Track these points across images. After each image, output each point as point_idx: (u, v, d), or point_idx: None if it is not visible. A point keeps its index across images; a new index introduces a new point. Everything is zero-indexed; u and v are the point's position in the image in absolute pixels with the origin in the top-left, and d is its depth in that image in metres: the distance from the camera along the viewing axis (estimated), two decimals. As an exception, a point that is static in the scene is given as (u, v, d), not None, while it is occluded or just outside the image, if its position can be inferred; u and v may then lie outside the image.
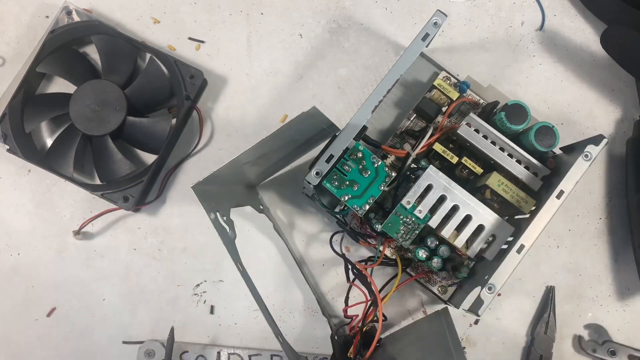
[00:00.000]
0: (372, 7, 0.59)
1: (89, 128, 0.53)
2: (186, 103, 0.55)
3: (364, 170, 0.47)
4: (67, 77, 0.55)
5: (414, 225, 0.48)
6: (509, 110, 0.48)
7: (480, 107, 0.55)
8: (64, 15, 0.55)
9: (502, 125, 0.49)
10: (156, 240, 0.57)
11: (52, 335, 0.55)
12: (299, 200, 0.57)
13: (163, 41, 0.58)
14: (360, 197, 0.47)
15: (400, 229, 0.48)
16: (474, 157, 0.50)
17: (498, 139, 0.49)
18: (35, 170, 0.55)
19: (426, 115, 0.54)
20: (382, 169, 0.47)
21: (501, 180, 0.48)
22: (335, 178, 0.47)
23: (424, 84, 0.58)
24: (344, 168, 0.47)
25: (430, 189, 0.47)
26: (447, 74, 0.56)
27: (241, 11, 0.59)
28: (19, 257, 0.56)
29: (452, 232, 0.47)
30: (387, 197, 0.52)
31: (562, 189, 0.46)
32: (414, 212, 0.47)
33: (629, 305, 0.57)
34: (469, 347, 0.57)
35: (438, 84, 0.54)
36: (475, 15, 0.60)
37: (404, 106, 0.58)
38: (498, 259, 0.46)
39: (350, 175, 0.47)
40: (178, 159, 0.57)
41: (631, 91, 0.59)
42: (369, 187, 0.47)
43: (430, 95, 0.54)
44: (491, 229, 0.47)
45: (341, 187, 0.47)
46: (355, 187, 0.47)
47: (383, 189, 0.47)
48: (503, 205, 0.49)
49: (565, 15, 0.60)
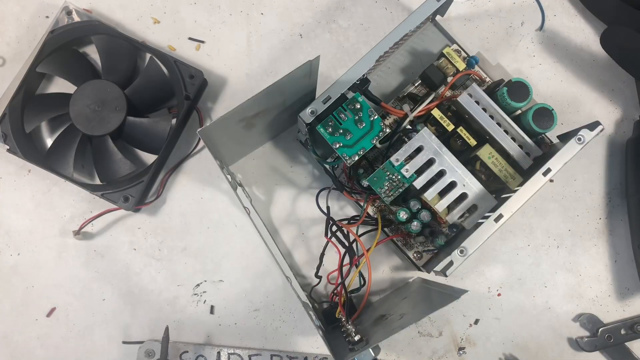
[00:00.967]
0: (372, 7, 0.59)
1: (89, 128, 0.53)
2: (186, 103, 0.55)
3: (360, 122, 0.48)
4: (67, 77, 0.55)
5: (398, 183, 0.48)
6: (512, 87, 0.49)
7: (485, 85, 0.55)
8: (64, 15, 0.55)
9: (503, 101, 0.49)
10: (156, 240, 0.57)
11: (52, 335, 0.55)
12: (285, 171, 0.58)
13: (163, 41, 0.58)
14: (351, 147, 0.47)
15: (385, 185, 0.48)
16: (470, 129, 0.50)
17: (497, 114, 0.49)
18: (35, 170, 0.55)
19: (431, 83, 0.54)
20: (378, 124, 0.48)
21: (492, 153, 0.48)
22: (330, 124, 0.47)
23: (434, 55, 0.58)
24: (340, 116, 0.47)
25: (421, 150, 0.48)
26: (458, 47, 0.56)
27: (241, 11, 0.59)
28: (19, 257, 0.56)
29: (435, 195, 0.48)
30: (378, 157, 0.52)
31: (549, 167, 0.46)
32: (400, 170, 0.48)
33: (629, 305, 0.57)
34: (469, 347, 0.57)
35: (447, 52, 0.53)
36: (475, 15, 0.60)
37: (410, 73, 0.58)
38: (475, 229, 0.47)
39: (345, 125, 0.47)
40: (178, 159, 0.57)
41: (631, 91, 0.59)
42: (362, 139, 0.48)
43: (438, 63, 0.54)
44: (474, 198, 0.48)
45: (334, 134, 0.47)
46: (349, 136, 0.47)
47: (375, 143, 0.48)
48: (490, 179, 0.49)
49: (565, 16, 0.60)
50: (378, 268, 0.57)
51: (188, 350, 0.55)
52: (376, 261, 0.57)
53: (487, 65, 0.56)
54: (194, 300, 0.56)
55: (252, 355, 0.55)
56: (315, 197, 0.54)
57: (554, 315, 0.57)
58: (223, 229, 0.57)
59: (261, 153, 0.58)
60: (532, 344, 0.57)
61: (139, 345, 0.54)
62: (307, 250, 0.57)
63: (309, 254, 0.57)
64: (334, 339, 0.49)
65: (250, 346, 0.56)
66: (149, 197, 0.57)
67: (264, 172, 0.58)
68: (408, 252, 0.55)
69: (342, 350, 0.46)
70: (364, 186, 0.51)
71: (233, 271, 0.57)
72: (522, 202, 0.46)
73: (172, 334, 0.55)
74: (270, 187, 0.57)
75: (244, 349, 0.55)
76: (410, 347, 0.56)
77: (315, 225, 0.57)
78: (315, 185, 0.57)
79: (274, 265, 0.56)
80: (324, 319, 0.53)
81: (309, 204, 0.57)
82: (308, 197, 0.57)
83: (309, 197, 0.57)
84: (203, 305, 0.56)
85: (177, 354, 0.55)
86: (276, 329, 0.56)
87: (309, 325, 0.56)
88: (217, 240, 0.57)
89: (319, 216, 0.56)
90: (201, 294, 0.56)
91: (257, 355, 0.55)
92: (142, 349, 0.54)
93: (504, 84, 0.50)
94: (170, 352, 0.55)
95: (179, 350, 0.55)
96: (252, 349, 0.56)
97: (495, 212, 0.45)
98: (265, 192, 0.57)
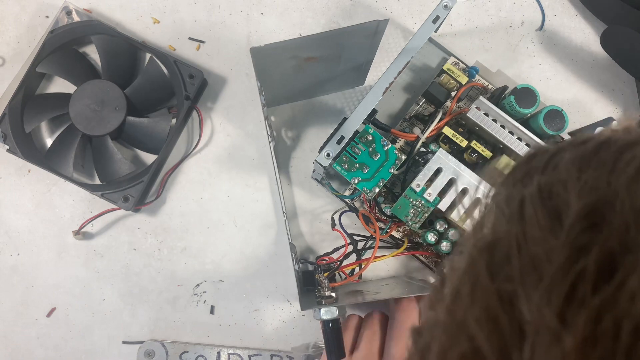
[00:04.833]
0: (372, 7, 0.59)
1: (89, 128, 0.53)
2: (186, 103, 0.55)
3: (374, 153, 0.48)
4: (67, 77, 0.55)
5: (423, 209, 0.48)
6: (518, 94, 0.49)
7: (488, 93, 0.55)
8: (64, 15, 0.55)
9: (512, 109, 0.49)
10: (156, 240, 0.57)
11: (52, 335, 0.55)
12: (312, 133, 0.58)
13: (163, 41, 0.58)
14: (370, 179, 0.47)
15: (410, 212, 0.48)
16: (482, 140, 0.51)
17: (507, 122, 0.49)
18: (35, 170, 0.55)
19: (435, 100, 0.54)
20: (392, 152, 0.48)
21: (510, 164, 0.48)
22: (345, 161, 0.47)
23: (433, 70, 0.58)
24: (354, 151, 0.47)
25: (440, 172, 0.48)
26: (456, 59, 0.56)
27: (241, 11, 0.59)
28: (19, 257, 0.56)
29: (462, 215, 0.47)
30: (396, 182, 0.52)
31: None
32: (423, 195, 0.48)
33: (629, 305, 0.57)
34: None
35: (447, 68, 0.54)
36: (475, 15, 0.60)
37: (412, 91, 0.58)
38: None
39: (361, 158, 0.47)
40: (178, 159, 0.57)
41: (631, 91, 0.59)
42: (379, 170, 0.48)
43: (440, 80, 0.54)
44: None
45: (351, 170, 0.47)
46: (365, 169, 0.47)
47: (393, 171, 0.48)
48: None
49: (565, 15, 0.60)
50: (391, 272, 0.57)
51: (188, 350, 0.55)
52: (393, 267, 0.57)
53: (487, 73, 0.56)
54: (194, 300, 0.56)
55: (252, 355, 0.55)
56: (338, 220, 0.53)
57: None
58: (223, 229, 0.57)
59: (298, 108, 0.58)
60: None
61: (139, 345, 0.54)
62: (311, 220, 0.57)
63: (312, 225, 0.57)
64: (306, 295, 0.49)
65: (250, 346, 0.56)
66: (149, 197, 0.57)
67: (294, 125, 0.58)
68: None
69: (310, 303, 0.47)
70: (389, 215, 0.51)
71: (233, 271, 0.57)
72: None
73: (172, 334, 0.56)
74: (294, 142, 0.58)
75: (244, 349, 0.55)
76: (410, 347, 0.56)
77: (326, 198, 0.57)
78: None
79: (274, 265, 0.56)
80: (302, 278, 0.52)
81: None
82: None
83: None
84: (203, 305, 0.56)
85: (177, 354, 0.55)
86: (276, 329, 0.56)
87: (308, 325, 0.56)
88: (217, 240, 0.57)
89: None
90: (201, 294, 0.56)
91: (257, 355, 0.55)
92: (142, 349, 0.54)
93: (510, 92, 0.50)
94: (170, 352, 0.55)
95: (179, 350, 0.55)
96: (252, 349, 0.56)
97: None
98: (290, 140, 0.58)
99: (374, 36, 0.44)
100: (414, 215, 0.48)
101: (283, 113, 0.58)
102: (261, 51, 0.43)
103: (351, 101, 0.58)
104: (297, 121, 0.58)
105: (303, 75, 0.50)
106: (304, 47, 0.44)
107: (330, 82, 0.55)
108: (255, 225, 0.57)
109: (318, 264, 0.52)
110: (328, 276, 0.50)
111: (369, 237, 0.53)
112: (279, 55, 0.45)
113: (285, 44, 0.42)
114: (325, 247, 0.56)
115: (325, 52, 0.46)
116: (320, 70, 0.50)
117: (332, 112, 0.58)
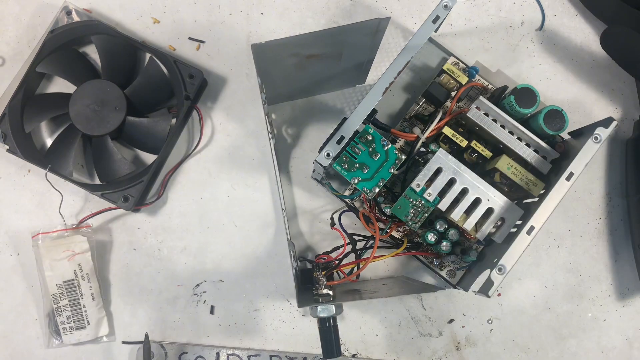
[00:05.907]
0: (372, 7, 0.59)
1: (88, 128, 0.53)
2: (186, 103, 0.55)
3: (374, 153, 0.47)
4: (67, 77, 0.55)
5: (423, 209, 0.48)
6: (518, 94, 0.49)
7: (488, 92, 0.55)
8: (63, 15, 0.55)
9: (512, 109, 0.49)
10: (156, 240, 0.57)
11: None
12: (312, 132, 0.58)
13: (163, 41, 0.58)
14: (370, 179, 0.47)
15: (410, 212, 0.48)
16: (482, 140, 0.50)
17: (507, 122, 0.49)
18: (35, 170, 0.55)
19: (435, 100, 0.54)
20: (392, 152, 0.48)
21: (510, 164, 0.48)
22: (345, 161, 0.47)
23: (433, 70, 0.58)
24: (354, 151, 0.47)
25: (440, 172, 0.48)
26: (456, 59, 0.56)
27: (241, 11, 0.59)
28: (19, 257, 0.56)
29: (462, 215, 0.47)
30: (396, 182, 0.52)
31: (572, 171, 0.45)
32: (423, 195, 0.48)
33: (629, 306, 0.57)
34: (469, 347, 0.57)
35: (447, 68, 0.54)
36: (475, 15, 0.60)
37: (412, 91, 0.58)
38: (507, 242, 0.46)
39: (361, 158, 0.47)
40: (178, 159, 0.57)
41: (631, 91, 0.59)
42: (379, 170, 0.47)
43: (440, 80, 0.54)
44: (500, 212, 0.47)
45: (351, 170, 0.47)
46: (365, 169, 0.47)
47: (393, 171, 0.48)
48: (512, 189, 0.49)
49: (565, 15, 0.60)
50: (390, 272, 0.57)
51: (187, 351, 0.55)
52: (392, 267, 0.57)
53: (487, 73, 0.56)
54: (194, 300, 0.56)
55: (252, 356, 0.55)
56: (338, 220, 0.53)
57: (554, 315, 0.57)
58: (223, 228, 0.57)
59: (299, 107, 0.58)
60: (532, 344, 0.57)
61: (139, 346, 0.54)
62: (311, 219, 0.57)
63: (312, 225, 0.57)
64: (303, 293, 0.49)
65: (249, 346, 0.56)
66: (149, 197, 0.57)
67: (294, 124, 0.58)
68: (440, 272, 0.54)
69: (307, 301, 0.47)
70: (389, 215, 0.51)
71: (233, 271, 0.57)
72: (551, 210, 0.45)
73: (172, 334, 0.56)
74: (294, 141, 0.58)
75: (243, 349, 0.55)
76: (410, 347, 0.56)
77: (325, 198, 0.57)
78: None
79: (273, 265, 0.56)
80: (300, 275, 0.52)
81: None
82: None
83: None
84: (203, 305, 0.56)
85: (176, 354, 0.55)
86: (276, 329, 0.56)
87: (308, 326, 0.56)
88: (217, 240, 0.57)
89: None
90: (201, 294, 0.56)
91: (256, 355, 0.55)
92: (141, 350, 0.54)
93: (510, 92, 0.50)
94: (170, 352, 0.55)
95: (178, 350, 0.55)
96: (251, 349, 0.55)
97: (527, 224, 0.45)
98: (291, 138, 0.58)
99: (375, 34, 0.44)
100: (414, 215, 0.48)
101: (283, 112, 0.58)
102: (262, 48, 0.43)
103: (351, 100, 0.58)
104: (298, 120, 0.58)
105: (304, 73, 0.50)
106: (306, 44, 0.44)
107: (331, 81, 0.55)
108: (255, 225, 0.57)
109: (316, 262, 0.52)
110: (326, 275, 0.50)
111: (369, 237, 0.53)
112: (280, 52, 0.45)
113: (286, 41, 0.42)
114: (325, 246, 0.56)
115: (326, 50, 0.46)
116: (321, 68, 0.50)
117: (332, 112, 0.58)
